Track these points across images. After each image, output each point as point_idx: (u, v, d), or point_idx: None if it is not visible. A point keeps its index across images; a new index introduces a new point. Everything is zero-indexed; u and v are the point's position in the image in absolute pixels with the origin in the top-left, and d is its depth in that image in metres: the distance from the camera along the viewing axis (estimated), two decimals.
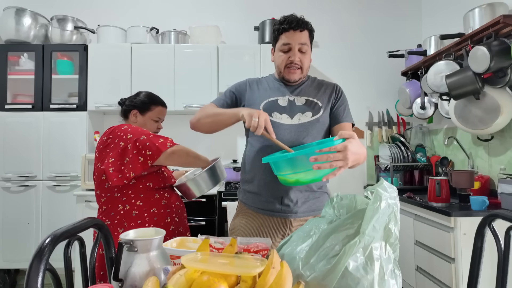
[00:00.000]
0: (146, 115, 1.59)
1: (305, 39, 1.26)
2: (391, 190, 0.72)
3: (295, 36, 1.24)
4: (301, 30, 1.24)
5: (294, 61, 1.25)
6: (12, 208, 2.73)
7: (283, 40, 1.26)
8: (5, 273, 2.80)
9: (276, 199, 1.25)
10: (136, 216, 1.39)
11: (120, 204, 1.40)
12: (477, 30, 2.09)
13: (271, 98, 1.30)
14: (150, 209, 1.42)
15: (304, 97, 1.31)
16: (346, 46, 3.31)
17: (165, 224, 1.44)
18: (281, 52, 1.28)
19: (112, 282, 0.73)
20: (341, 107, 1.34)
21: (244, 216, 1.32)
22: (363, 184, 3.24)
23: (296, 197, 1.25)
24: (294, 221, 1.26)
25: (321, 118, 1.29)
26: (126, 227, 1.38)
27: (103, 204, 1.44)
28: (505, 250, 0.92)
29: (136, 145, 1.38)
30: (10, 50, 2.84)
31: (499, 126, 2.09)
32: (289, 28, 1.24)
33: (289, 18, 1.25)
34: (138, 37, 2.95)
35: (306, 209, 1.27)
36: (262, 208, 1.27)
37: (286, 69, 1.28)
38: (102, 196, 1.44)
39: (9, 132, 2.76)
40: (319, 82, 1.39)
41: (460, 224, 1.84)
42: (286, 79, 1.30)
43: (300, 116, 1.27)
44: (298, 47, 1.25)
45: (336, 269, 0.66)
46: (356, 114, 3.33)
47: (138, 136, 1.40)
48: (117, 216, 1.39)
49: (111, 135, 1.45)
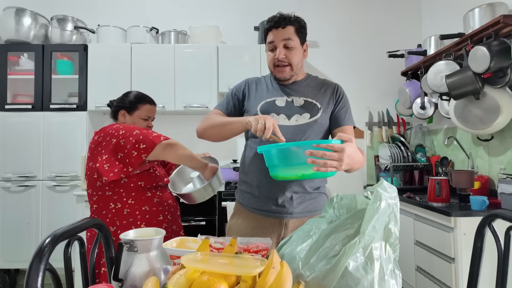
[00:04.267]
0: (134, 114, 1.59)
1: (289, 34, 1.24)
2: (391, 190, 0.72)
3: (278, 33, 1.24)
4: (283, 26, 1.23)
5: (279, 58, 1.24)
6: (12, 208, 2.73)
7: (268, 39, 1.26)
8: (5, 273, 2.80)
9: (272, 199, 1.25)
10: (127, 214, 1.39)
11: (111, 203, 1.40)
12: (477, 30, 2.09)
13: (269, 98, 1.30)
14: (142, 207, 1.42)
15: (303, 98, 1.30)
16: (346, 46, 3.31)
17: (157, 222, 1.44)
18: (269, 51, 1.28)
19: (112, 282, 0.73)
20: (343, 109, 1.32)
21: (240, 216, 1.32)
22: (363, 184, 3.24)
23: (292, 198, 1.24)
24: (290, 222, 1.25)
25: (320, 119, 1.27)
26: (118, 225, 1.38)
27: (94, 203, 1.44)
28: (505, 250, 0.92)
29: (129, 140, 1.37)
30: (10, 50, 2.84)
31: (499, 126, 2.09)
32: (273, 26, 1.24)
33: (273, 17, 1.25)
34: (138, 37, 2.95)
35: (302, 210, 1.26)
36: (257, 209, 1.27)
37: (276, 68, 1.27)
38: (93, 195, 1.44)
39: (9, 132, 2.76)
40: (319, 81, 1.37)
41: (460, 224, 1.84)
42: (277, 78, 1.30)
43: (297, 117, 1.26)
44: (282, 43, 1.24)
45: (336, 269, 0.66)
46: (356, 114, 3.32)
47: (131, 131, 1.40)
48: (109, 215, 1.40)
49: (102, 134, 1.44)
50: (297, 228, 1.19)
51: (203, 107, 2.83)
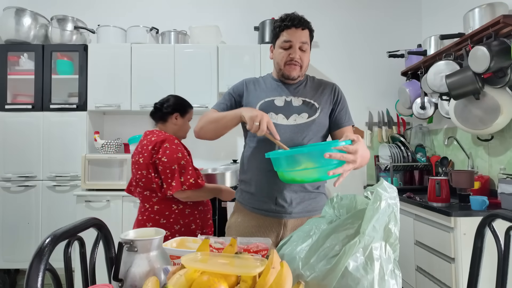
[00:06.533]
0: (185, 117, 1.76)
1: (306, 38, 1.26)
2: (391, 190, 0.73)
3: (297, 34, 1.24)
4: (302, 28, 1.24)
5: (295, 58, 1.25)
6: (12, 208, 2.73)
7: (284, 37, 1.25)
8: (5, 273, 2.80)
9: (271, 199, 1.25)
10: (188, 214, 1.62)
11: (173, 204, 1.60)
12: (477, 30, 2.09)
13: (268, 98, 1.30)
14: (198, 208, 1.65)
15: (302, 98, 1.30)
16: (346, 46, 3.31)
17: (206, 220, 1.69)
18: (282, 49, 1.27)
19: (112, 282, 0.73)
20: (342, 111, 1.34)
21: (240, 215, 1.33)
22: (363, 184, 3.24)
23: (291, 198, 1.24)
24: (289, 222, 1.25)
25: (318, 119, 1.28)
26: (182, 223, 1.59)
27: (154, 204, 1.60)
28: (505, 250, 0.92)
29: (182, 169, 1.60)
30: (10, 50, 2.84)
31: (499, 126, 2.09)
32: (291, 25, 1.24)
33: (291, 16, 1.25)
34: (138, 37, 2.95)
35: (302, 210, 1.26)
36: (257, 208, 1.28)
37: (287, 66, 1.27)
38: (153, 196, 1.59)
39: (9, 132, 2.76)
40: (317, 81, 1.38)
41: (460, 224, 1.84)
42: (286, 75, 1.29)
43: (296, 117, 1.27)
44: (299, 45, 1.24)
45: (336, 269, 0.66)
46: (356, 114, 3.33)
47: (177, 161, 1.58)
48: (172, 215, 1.59)
49: (160, 153, 1.56)
50: (296, 228, 1.19)
51: (203, 107, 2.83)
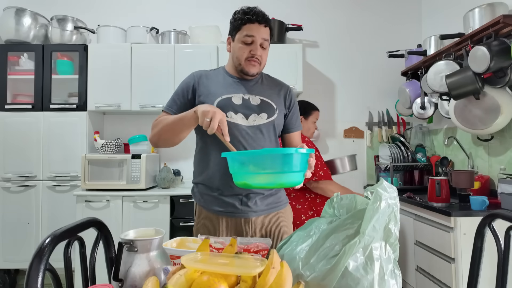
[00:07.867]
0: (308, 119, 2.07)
1: (267, 35, 1.23)
2: (391, 190, 0.73)
3: (260, 30, 1.21)
4: (265, 25, 1.22)
5: (256, 55, 1.22)
6: (12, 208, 2.73)
7: (246, 31, 1.21)
8: (5, 273, 2.80)
9: (236, 200, 1.23)
10: (319, 203, 1.89)
11: (307, 193, 1.89)
12: (477, 30, 2.09)
13: (225, 95, 1.25)
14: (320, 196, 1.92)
15: (259, 97, 1.28)
16: (346, 46, 3.31)
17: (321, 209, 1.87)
18: (243, 43, 1.22)
19: (112, 282, 0.73)
20: (294, 116, 1.36)
21: (207, 219, 1.27)
22: (363, 184, 3.24)
23: (255, 196, 1.24)
24: (256, 219, 1.25)
25: (276, 120, 1.28)
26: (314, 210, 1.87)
27: (291, 191, 1.90)
28: (505, 250, 0.92)
29: None
30: (10, 50, 2.83)
31: (499, 126, 2.09)
32: (255, 20, 1.20)
33: (255, 10, 1.22)
34: (138, 37, 2.95)
35: (266, 208, 1.26)
36: (223, 211, 1.24)
37: (247, 62, 1.23)
38: None
39: (9, 132, 2.76)
40: (272, 80, 1.37)
41: (460, 224, 1.84)
42: (245, 71, 1.25)
43: (255, 117, 1.24)
44: (260, 41, 1.21)
45: (336, 269, 0.66)
46: (356, 114, 3.38)
47: None
48: (306, 202, 1.88)
49: None
50: (263, 224, 1.25)
51: None
